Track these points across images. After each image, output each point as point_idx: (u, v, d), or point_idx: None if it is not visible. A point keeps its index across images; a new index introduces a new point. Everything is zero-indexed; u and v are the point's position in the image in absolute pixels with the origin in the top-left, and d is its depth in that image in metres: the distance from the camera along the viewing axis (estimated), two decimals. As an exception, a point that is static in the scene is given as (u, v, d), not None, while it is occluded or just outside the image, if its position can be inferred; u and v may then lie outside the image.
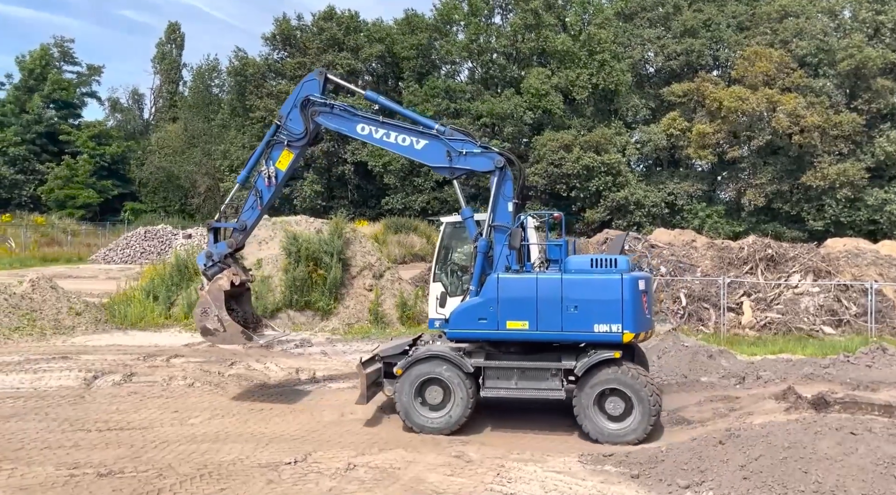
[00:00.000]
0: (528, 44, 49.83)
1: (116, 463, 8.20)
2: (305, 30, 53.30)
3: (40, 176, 57.45)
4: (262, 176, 11.09)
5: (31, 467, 7.94)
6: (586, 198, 45.87)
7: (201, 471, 8.04)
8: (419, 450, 8.96)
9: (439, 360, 9.83)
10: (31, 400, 10.90)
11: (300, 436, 9.58)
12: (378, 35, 52.21)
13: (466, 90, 49.24)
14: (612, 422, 9.45)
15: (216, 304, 10.76)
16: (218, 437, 9.36)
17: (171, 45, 70.88)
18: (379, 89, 54.83)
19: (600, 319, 9.34)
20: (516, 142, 48.83)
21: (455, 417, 9.72)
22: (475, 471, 8.26)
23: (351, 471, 8.18)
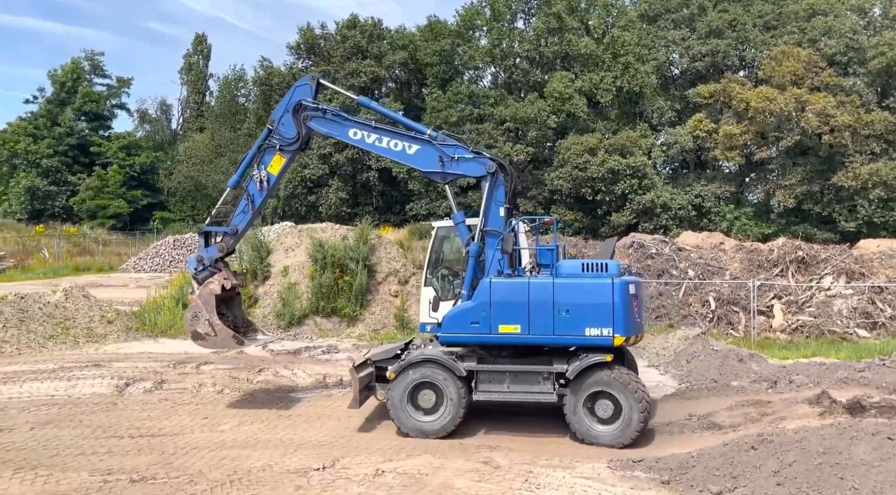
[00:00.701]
0: (551, 48, 49.72)
1: (149, 469, 8.31)
2: (329, 38, 53.77)
3: (72, 187, 58.63)
4: (254, 180, 11.09)
5: (67, 473, 8.08)
6: (612, 201, 45.54)
7: (231, 477, 8.12)
8: (447, 456, 8.95)
9: (432, 364, 9.89)
10: (65, 408, 11.10)
11: (328, 442, 9.63)
12: (401, 42, 52.49)
13: (489, 95, 49.23)
14: (602, 425, 9.55)
15: (207, 308, 10.74)
16: (247, 443, 9.44)
17: (197, 57, 71.96)
18: (402, 96, 55.16)
19: (592, 323, 9.45)
20: (540, 146, 48.71)
21: (447, 421, 9.78)
22: (503, 477, 8.22)
23: (379, 477, 8.19)
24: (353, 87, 50.43)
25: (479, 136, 46.35)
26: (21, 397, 11.60)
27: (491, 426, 10.47)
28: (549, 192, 47.01)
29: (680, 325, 18.64)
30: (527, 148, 46.73)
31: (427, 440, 9.71)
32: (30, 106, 65.10)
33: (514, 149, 46.13)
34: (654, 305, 20.10)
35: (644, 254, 22.35)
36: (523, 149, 46.39)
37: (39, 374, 13.07)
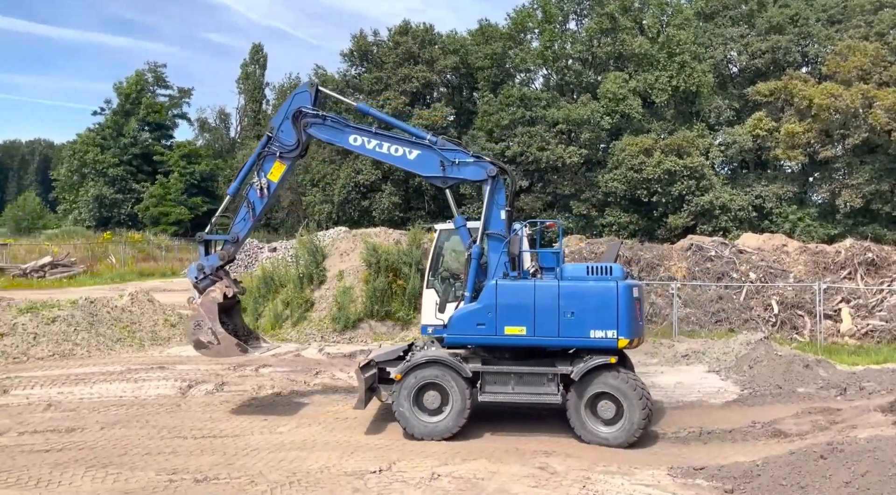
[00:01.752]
0: (604, 48, 49.14)
1: (211, 469, 8.50)
2: (381, 45, 54.32)
3: (136, 195, 60.79)
4: (255, 187, 11.08)
5: (135, 472, 8.35)
6: (668, 203, 44.66)
7: (290, 479, 8.24)
8: (502, 461, 8.90)
9: (438, 365, 9.93)
10: (132, 408, 11.48)
11: (384, 445, 9.68)
12: (452, 47, 52.64)
13: (542, 97, 48.92)
14: (604, 426, 9.65)
15: (209, 317, 10.64)
16: (305, 445, 9.57)
17: (254, 66, 73.70)
18: (453, 100, 55.31)
19: (596, 325, 9.61)
20: (593, 147, 48.15)
21: (452, 422, 9.82)
22: (560, 484, 8.13)
23: (435, 481, 8.20)
24: (405, 93, 50.85)
25: (530, 139, 46.12)
26: (91, 398, 12.04)
27: (547, 431, 10.36)
28: (602, 195, 46.39)
29: (741, 330, 18.12)
30: (580, 150, 46.25)
31: (483, 444, 9.68)
32: (97, 117, 67.86)
33: (567, 151, 45.71)
34: (713, 309, 19.60)
35: (703, 256, 21.82)
36: (576, 151, 45.93)
37: (108, 376, 13.56)
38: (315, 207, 50.89)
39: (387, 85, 51.30)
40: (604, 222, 45.94)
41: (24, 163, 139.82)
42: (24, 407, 11.38)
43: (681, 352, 16.09)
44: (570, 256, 21.83)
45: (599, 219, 46.31)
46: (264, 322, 19.73)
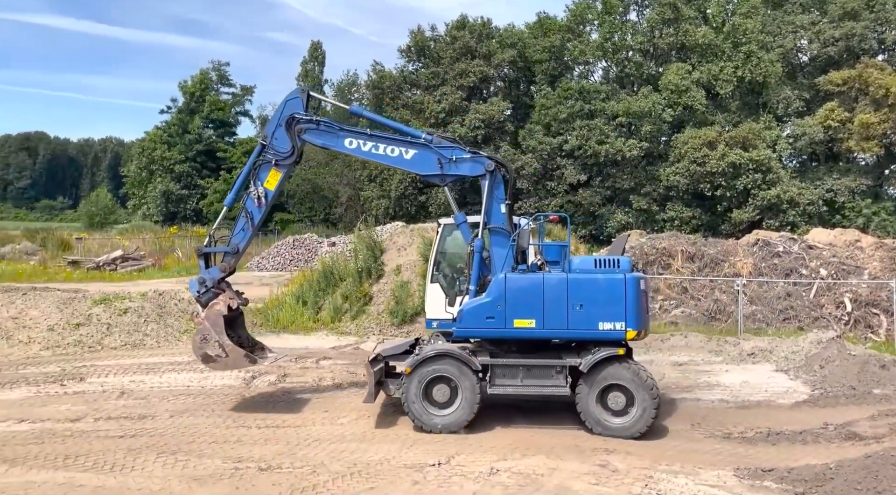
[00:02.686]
0: (666, 39, 48.02)
1: (275, 458, 8.70)
2: (439, 40, 54.40)
3: (201, 190, 62.68)
4: (252, 197, 10.96)
5: (202, 459, 8.60)
6: (733, 197, 43.42)
7: (351, 470, 8.35)
8: (562, 457, 8.81)
9: (447, 359, 9.96)
10: (199, 398, 11.83)
11: (442, 439, 9.70)
12: (510, 40, 52.32)
13: (601, 90, 48.17)
14: (615, 417, 9.71)
15: (215, 330, 10.51)
16: (365, 437, 9.68)
17: (313, 63, 74.92)
18: (510, 94, 55.01)
19: (605, 318, 9.68)
20: (654, 140, 47.17)
21: (462, 415, 9.86)
22: (622, 481, 7.99)
23: (494, 476, 8.18)
24: (461, 88, 50.83)
25: (589, 132, 45.49)
26: (161, 387, 12.48)
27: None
28: (664, 189, 45.43)
29: (811, 328, 17.46)
30: (640, 143, 45.38)
31: (542, 439, 9.60)
32: (164, 116, 70.19)
33: (627, 144, 44.91)
34: (781, 306, 18.94)
35: (770, 252, 21.11)
36: (636, 145, 45.08)
37: (176, 366, 14.03)
38: (372, 202, 51.44)
39: (443, 80, 51.37)
40: (665, 217, 44.99)
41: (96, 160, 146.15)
42: (98, 394, 11.87)
43: (746, 350, 15.63)
44: (631, 252, 21.45)
45: (660, 213, 45.36)
46: (324, 315, 20.04)
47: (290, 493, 7.62)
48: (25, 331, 16.03)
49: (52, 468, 8.24)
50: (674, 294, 20.20)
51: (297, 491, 7.69)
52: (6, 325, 16.07)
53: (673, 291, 20.26)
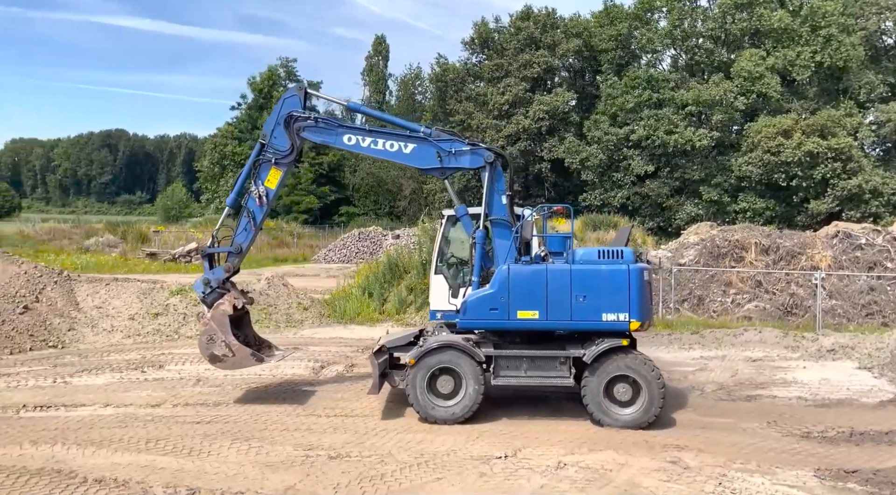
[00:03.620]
0: (738, 24, 46.39)
1: (344, 447, 8.85)
2: (503, 31, 54.09)
3: (270, 185, 64.22)
4: (253, 196, 10.91)
5: (274, 446, 8.84)
6: (810, 187, 41.68)
7: (418, 460, 8.42)
8: (631, 453, 8.65)
9: (451, 350, 9.99)
10: (271, 386, 12.15)
11: (508, 432, 9.68)
12: (575, 30, 51.57)
13: (669, 78, 46.97)
14: (622, 408, 9.73)
15: (222, 330, 10.50)
16: (431, 428, 9.74)
17: (377, 58, 75.67)
18: (575, 84, 54.23)
19: (608, 309, 9.69)
20: (726, 130, 45.72)
21: (466, 406, 9.90)
22: (694, 479, 7.79)
23: (561, 470, 8.10)
24: (525, 79, 50.42)
25: (657, 122, 44.43)
26: (234, 375, 12.85)
27: (675, 425, 9.97)
28: (735, 179, 44.01)
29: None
30: (710, 132, 44.07)
31: (610, 434, 9.45)
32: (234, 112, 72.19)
33: (697, 134, 43.68)
34: (863, 301, 18.09)
35: (851, 244, 20.16)
36: (706, 134, 43.79)
37: (248, 354, 14.41)
38: (436, 195, 51.66)
39: (507, 71, 51.07)
40: (737, 208, 43.59)
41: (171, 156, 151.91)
42: (176, 381, 12.34)
43: (826, 346, 14.99)
44: (702, 245, 20.87)
45: (732, 205, 43.97)
46: (389, 306, 20.27)
47: (359, 482, 7.74)
48: (109, 319, 16.81)
49: (135, 451, 8.62)
50: (747, 288, 19.55)
51: (365, 479, 7.81)
52: (91, 314, 16.88)
53: (746, 285, 19.61)
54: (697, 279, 20.41)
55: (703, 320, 18.96)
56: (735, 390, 12.06)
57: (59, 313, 16.33)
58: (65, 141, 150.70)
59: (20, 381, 12.11)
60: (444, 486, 7.67)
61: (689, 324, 18.43)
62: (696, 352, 15.27)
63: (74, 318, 16.45)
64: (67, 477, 7.75)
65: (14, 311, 15.71)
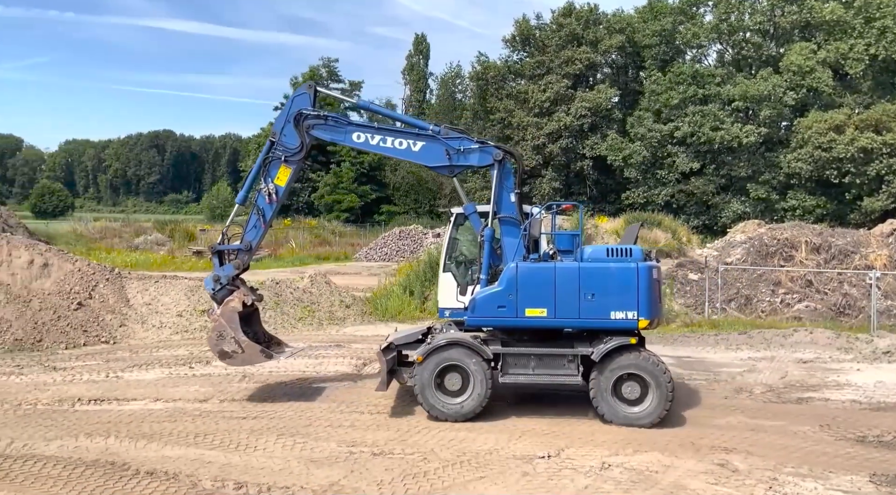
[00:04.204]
0: (788, 17, 45.20)
1: (387, 444, 8.91)
2: (544, 28, 53.71)
3: (312, 184, 65.08)
4: (263, 194, 10.88)
5: (319, 442, 8.94)
6: (863, 184, 40.41)
7: (460, 458, 8.42)
8: (677, 455, 8.51)
9: (459, 347, 10.00)
10: (314, 383, 12.30)
11: (551, 431, 9.61)
12: (618, 26, 50.95)
13: (715, 74, 46.03)
14: (630, 406, 9.72)
15: (231, 326, 10.51)
16: (473, 427, 9.73)
17: (418, 57, 75.92)
18: (618, 81, 53.56)
19: (617, 307, 9.71)
20: (774, 126, 44.62)
21: (474, 403, 9.92)
22: (743, 483, 7.62)
23: (606, 471, 8.01)
24: (567, 76, 49.98)
25: (703, 118, 43.61)
26: (279, 371, 13.06)
27: (726, 426, 9.77)
28: (784, 176, 42.93)
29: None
30: (758, 128, 43.07)
31: (655, 436, 9.31)
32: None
33: (744, 130, 42.73)
34: (921, 302, 17.45)
35: (907, 243, 19.47)
36: (754, 130, 42.81)
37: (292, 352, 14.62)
38: (476, 193, 51.56)
39: (549, 68, 50.72)
40: (785, 206, 42.51)
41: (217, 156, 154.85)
42: (223, 377, 12.57)
43: (881, 347, 14.51)
44: (749, 243, 20.41)
45: (780, 202, 42.90)
46: (431, 304, 20.30)
47: (402, 479, 7.78)
48: (158, 316, 17.23)
49: (185, 444, 8.82)
50: (797, 287, 19.05)
51: (408, 476, 7.84)
52: (141, 311, 17.32)
53: (796, 284, 19.10)
54: (745, 278, 19.97)
55: (750, 320, 18.54)
56: (785, 392, 11.76)
57: (110, 309, 16.81)
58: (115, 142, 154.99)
59: (75, 375, 12.50)
60: (486, 485, 7.66)
61: (737, 325, 18.04)
62: (744, 353, 14.94)
63: (125, 315, 16.91)
64: (120, 469, 7.97)
65: (69, 307, 16.22)
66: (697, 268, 21.78)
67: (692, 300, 20.47)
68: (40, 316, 15.77)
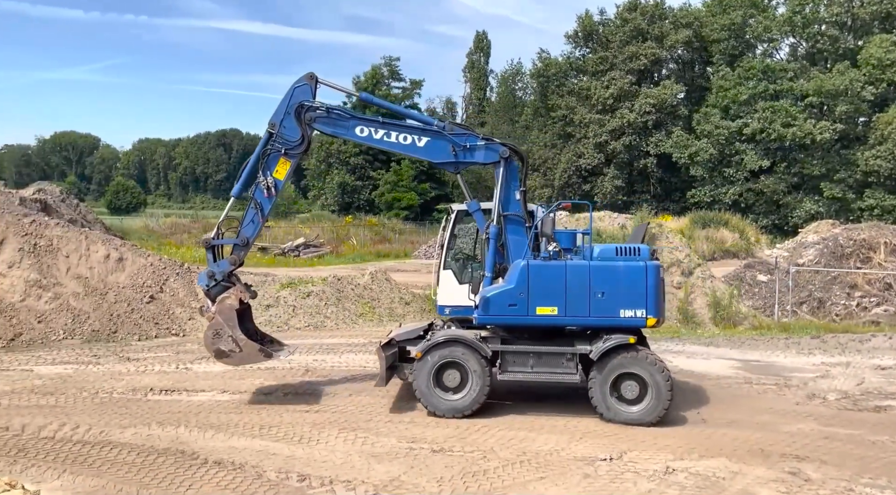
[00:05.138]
0: (867, 8, 43.25)
1: (446, 441, 8.92)
2: (608, 24, 52.87)
3: (373, 182, 65.83)
4: (261, 187, 10.46)
5: (379, 437, 9.03)
6: (948, 183, 38.31)
7: (520, 458, 8.36)
8: (745, 462, 8.24)
9: (458, 344, 10.02)
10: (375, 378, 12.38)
11: (613, 433, 9.45)
12: (685, 20, 49.73)
13: (787, 68, 44.41)
14: (629, 405, 9.75)
15: (229, 324, 10.15)
16: (533, 426, 9.66)
17: (479, 54, 75.77)
18: (684, 76, 52.28)
19: (626, 305, 9.77)
20: (851, 122, 42.76)
21: (472, 400, 9.93)
22: (816, 492, 7.35)
23: (670, 475, 7.82)
24: (631, 72, 49.06)
25: (773, 114, 42.15)
26: (340, 366, 13.27)
27: (797, 433, 9.40)
28: (861, 174, 41.10)
29: None
30: (833, 125, 41.33)
31: (722, 441, 9.04)
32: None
33: (818, 126, 41.09)
34: None
35: None
36: (828, 127, 41.11)
37: (353, 347, 14.85)
38: (535, 192, 51.19)
39: (612, 64, 49.90)
40: (862, 205, 40.69)
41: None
42: (286, 371, 12.85)
43: (967, 356, 13.71)
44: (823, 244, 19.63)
45: (857, 202, 41.08)
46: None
47: (461, 476, 7.77)
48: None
49: (250, 436, 9.05)
50: (875, 290, 18.20)
51: (468, 474, 7.84)
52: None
53: (874, 287, 18.26)
54: (818, 280, 19.20)
55: (823, 324, 17.82)
56: (861, 400, 11.24)
57: (180, 303, 17.39)
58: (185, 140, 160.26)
59: (147, 366, 12.99)
60: (546, 486, 7.58)
61: (809, 328, 17.37)
62: (817, 358, 14.37)
63: (194, 308, 17.46)
64: (190, 457, 8.24)
65: (142, 300, 16.87)
66: (767, 270, 21.07)
67: (761, 302, 19.81)
68: (115, 308, 16.45)
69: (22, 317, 15.60)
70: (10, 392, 11.08)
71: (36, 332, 15.39)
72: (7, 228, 17.10)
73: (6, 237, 16.95)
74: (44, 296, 16.12)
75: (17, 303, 15.83)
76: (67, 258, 17.16)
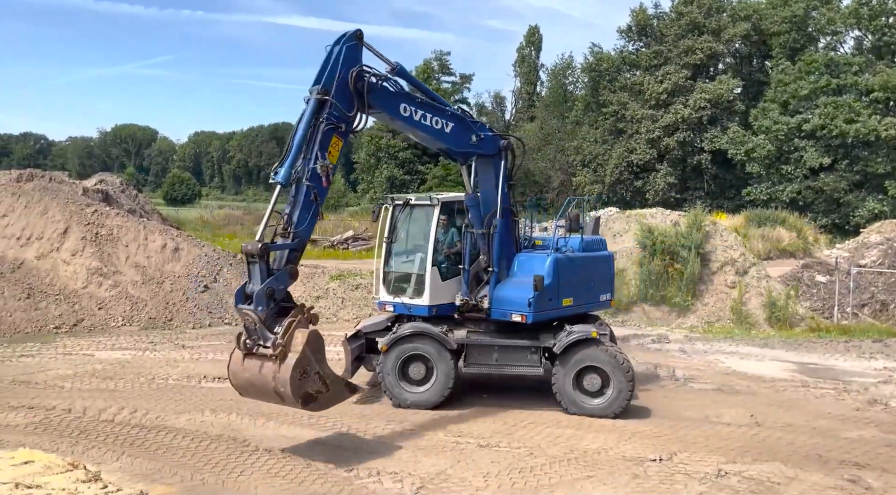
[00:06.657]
0: (938, -2, 41.29)
1: (493, 436, 8.92)
2: (662, 17, 51.81)
3: (421, 175, 66.12)
4: (319, 172, 8.19)
5: (426, 430, 9.10)
6: None
7: (568, 456, 8.30)
8: (802, 467, 8.01)
9: (423, 337, 10.01)
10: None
11: (662, 434, 9.30)
12: (744, 13, 48.36)
13: (852, 62, 42.75)
14: (591, 397, 9.88)
15: (316, 357, 7.82)
16: (581, 424, 9.58)
17: (529, 49, 75.09)
18: (741, 71, 50.92)
19: (602, 290, 11.14)
20: (919, 118, 40.87)
21: (436, 393, 9.97)
22: (878, 503, 7.08)
23: (722, 479, 7.66)
24: (686, 66, 48.00)
25: (836, 110, 40.69)
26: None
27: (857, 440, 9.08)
28: (930, 173, 39.31)
29: None
30: (899, 121, 39.61)
31: (777, 445, 8.79)
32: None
33: (883, 123, 39.48)
34: None
35: None
36: (894, 123, 39.43)
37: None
38: (585, 188, 50.59)
39: (666, 59, 48.90)
40: (929, 205, 38.96)
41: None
42: (335, 362, 12.94)
43: None
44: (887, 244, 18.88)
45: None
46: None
47: (508, 472, 7.76)
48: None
49: (300, 425, 9.20)
50: (942, 294, 17.43)
51: (514, 470, 7.82)
52: (260, 295, 18.22)
53: (941, 291, 17.49)
54: (881, 282, 18.50)
55: (886, 327, 17.17)
56: (925, 407, 10.80)
57: (233, 293, 17.75)
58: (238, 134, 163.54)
59: (201, 354, 13.34)
60: (594, 485, 7.51)
61: (871, 331, 16.76)
62: (879, 363, 13.85)
63: (246, 298, 17.83)
64: (241, 444, 8.43)
65: (196, 290, 17.31)
66: (826, 270, 20.39)
67: (819, 303, 19.19)
68: (171, 297, 16.92)
69: (84, 303, 16.18)
70: (73, 375, 11.52)
71: (97, 318, 15.94)
72: (71, 217, 17.74)
73: (70, 226, 17.60)
74: (104, 283, 16.69)
75: (80, 290, 16.42)
76: (126, 247, 17.72)
